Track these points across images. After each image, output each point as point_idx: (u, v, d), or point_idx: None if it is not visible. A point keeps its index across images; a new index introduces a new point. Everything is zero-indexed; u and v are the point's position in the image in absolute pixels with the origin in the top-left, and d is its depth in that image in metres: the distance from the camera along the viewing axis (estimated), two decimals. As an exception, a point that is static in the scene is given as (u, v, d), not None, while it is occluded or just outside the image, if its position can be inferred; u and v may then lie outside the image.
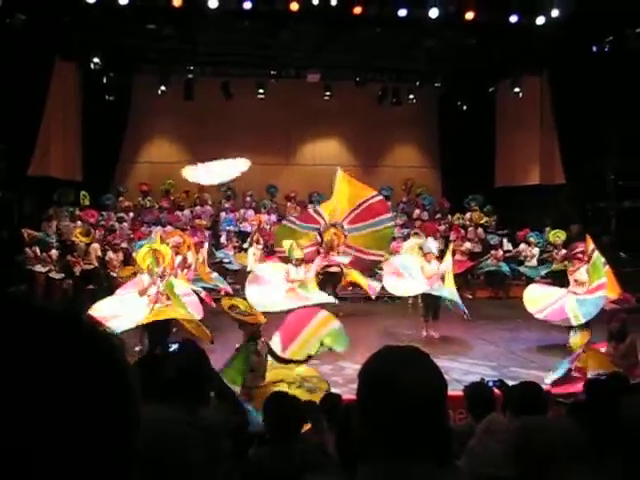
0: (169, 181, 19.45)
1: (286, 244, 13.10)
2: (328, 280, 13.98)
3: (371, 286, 13.62)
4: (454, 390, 5.90)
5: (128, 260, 14.52)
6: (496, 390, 5.40)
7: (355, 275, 13.70)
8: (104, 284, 14.36)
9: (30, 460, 0.72)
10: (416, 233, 17.10)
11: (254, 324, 7.74)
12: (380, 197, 14.23)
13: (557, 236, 15.14)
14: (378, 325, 13.16)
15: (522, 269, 16.01)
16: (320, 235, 13.85)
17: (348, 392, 7.16)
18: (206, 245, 15.58)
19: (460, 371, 9.13)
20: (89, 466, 0.76)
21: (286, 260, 13.27)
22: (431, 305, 12.86)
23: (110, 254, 15.08)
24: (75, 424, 0.75)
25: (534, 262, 15.87)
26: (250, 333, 7.65)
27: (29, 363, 0.74)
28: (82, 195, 17.33)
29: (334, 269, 13.81)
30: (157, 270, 9.97)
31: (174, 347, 3.25)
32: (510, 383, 5.97)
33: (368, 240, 13.86)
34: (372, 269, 14.55)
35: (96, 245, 15.29)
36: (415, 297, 15.79)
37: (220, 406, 3.33)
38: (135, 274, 10.81)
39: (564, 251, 14.67)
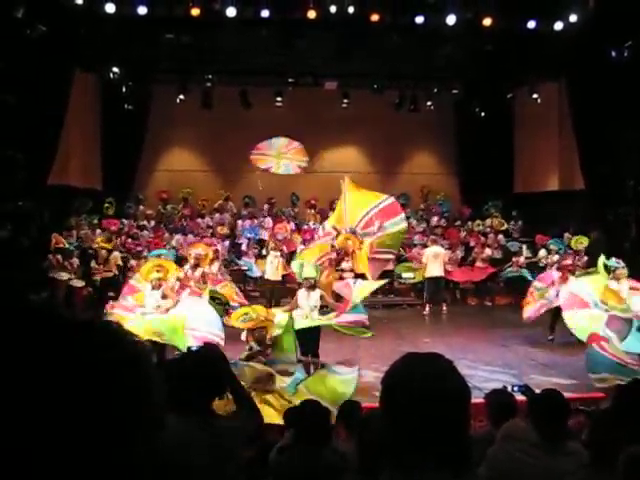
0: (187, 189, 19.57)
1: (295, 265, 12.19)
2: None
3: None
4: (475, 397, 5.85)
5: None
6: (521, 396, 5.36)
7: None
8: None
9: (53, 456, 0.72)
10: (434, 240, 17.04)
11: (263, 328, 7.90)
12: (392, 199, 13.99)
13: (580, 242, 15.02)
14: (396, 332, 13.12)
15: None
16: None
17: (367, 399, 7.14)
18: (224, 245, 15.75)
19: (480, 378, 9.08)
20: (102, 463, 0.76)
21: None
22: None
23: (132, 262, 15.22)
24: (98, 426, 0.75)
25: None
26: (258, 338, 7.82)
27: (53, 367, 0.75)
28: (107, 203, 17.45)
29: (348, 276, 13.78)
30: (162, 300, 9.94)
31: (192, 351, 3.24)
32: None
33: (380, 242, 13.78)
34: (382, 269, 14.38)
35: (117, 253, 15.40)
36: (431, 305, 15.79)
37: (237, 411, 3.32)
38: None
39: (586, 258, 14.59)
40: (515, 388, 5.60)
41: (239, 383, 3.44)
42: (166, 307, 9.86)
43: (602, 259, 11.54)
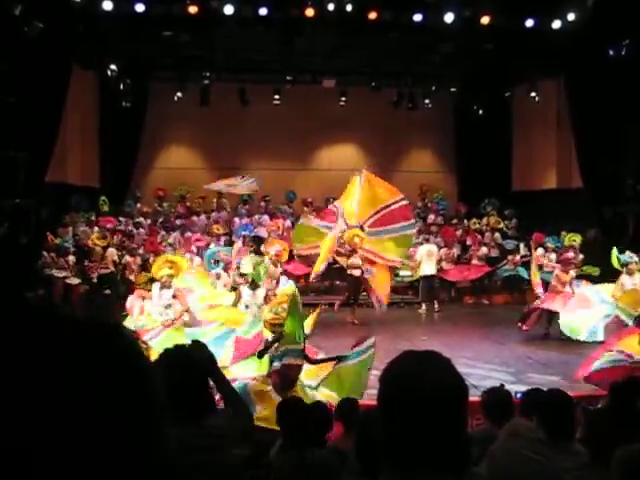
0: (184, 187, 19.53)
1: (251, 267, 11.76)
2: (351, 283, 14.08)
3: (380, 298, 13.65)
4: (472, 396, 5.85)
5: (145, 265, 14.64)
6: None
7: (381, 280, 13.66)
8: (120, 288, 14.49)
9: (50, 459, 0.72)
10: (427, 239, 17.04)
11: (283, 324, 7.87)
12: (405, 202, 14.06)
13: (572, 239, 15.03)
14: (393, 331, 13.11)
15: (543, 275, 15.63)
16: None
17: (365, 397, 7.15)
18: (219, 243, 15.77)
19: (478, 376, 9.08)
20: (99, 466, 0.75)
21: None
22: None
23: (127, 258, 15.23)
24: (95, 426, 0.75)
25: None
26: (273, 329, 7.81)
27: (48, 366, 0.75)
28: (101, 201, 17.41)
29: (356, 272, 13.79)
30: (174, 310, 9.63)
31: (174, 349, 3.19)
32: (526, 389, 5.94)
33: (386, 246, 13.80)
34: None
35: (112, 249, 15.40)
36: (427, 304, 15.82)
37: (226, 411, 3.30)
38: (152, 281, 10.67)
39: (582, 256, 14.61)
40: (518, 395, 5.61)
41: (227, 381, 3.42)
42: (174, 317, 9.49)
43: (615, 252, 11.65)
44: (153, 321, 9.54)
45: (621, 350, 8.23)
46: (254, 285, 10.25)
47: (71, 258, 14.63)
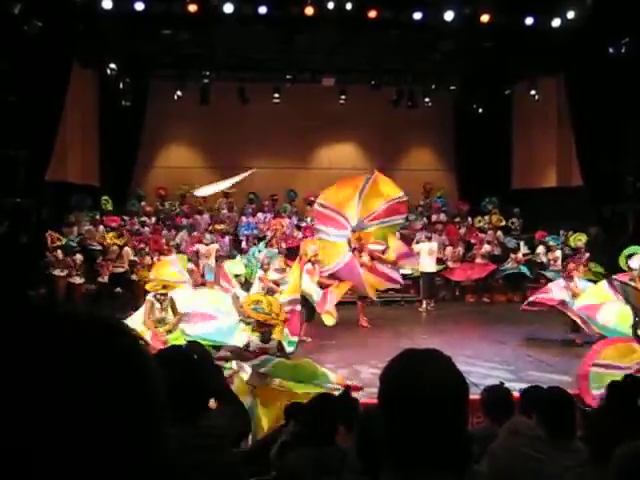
0: (184, 186, 19.50)
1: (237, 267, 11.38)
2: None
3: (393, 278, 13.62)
4: (472, 394, 5.85)
5: (152, 264, 14.68)
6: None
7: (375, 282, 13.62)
8: (132, 287, 14.59)
9: (49, 459, 0.72)
10: (429, 237, 17.01)
11: (271, 325, 7.72)
12: (404, 199, 14.14)
13: (578, 239, 15.01)
14: (393, 329, 13.13)
15: (547, 273, 15.49)
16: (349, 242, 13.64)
17: (365, 396, 7.16)
18: (214, 246, 15.75)
19: (478, 375, 9.09)
20: (97, 466, 0.75)
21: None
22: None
23: (135, 257, 15.34)
24: (94, 426, 0.75)
25: (559, 265, 15.41)
26: (262, 337, 7.65)
27: (48, 364, 0.75)
28: (104, 200, 17.39)
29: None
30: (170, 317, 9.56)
31: (171, 350, 3.18)
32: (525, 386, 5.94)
33: (374, 234, 13.85)
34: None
35: (128, 249, 15.44)
36: (427, 301, 15.82)
37: (223, 410, 3.29)
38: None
39: (587, 254, 14.60)
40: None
41: (226, 381, 3.42)
42: (169, 328, 9.46)
43: (625, 252, 11.52)
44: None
45: (608, 364, 8.24)
46: (248, 285, 10.17)
47: (78, 257, 14.63)
